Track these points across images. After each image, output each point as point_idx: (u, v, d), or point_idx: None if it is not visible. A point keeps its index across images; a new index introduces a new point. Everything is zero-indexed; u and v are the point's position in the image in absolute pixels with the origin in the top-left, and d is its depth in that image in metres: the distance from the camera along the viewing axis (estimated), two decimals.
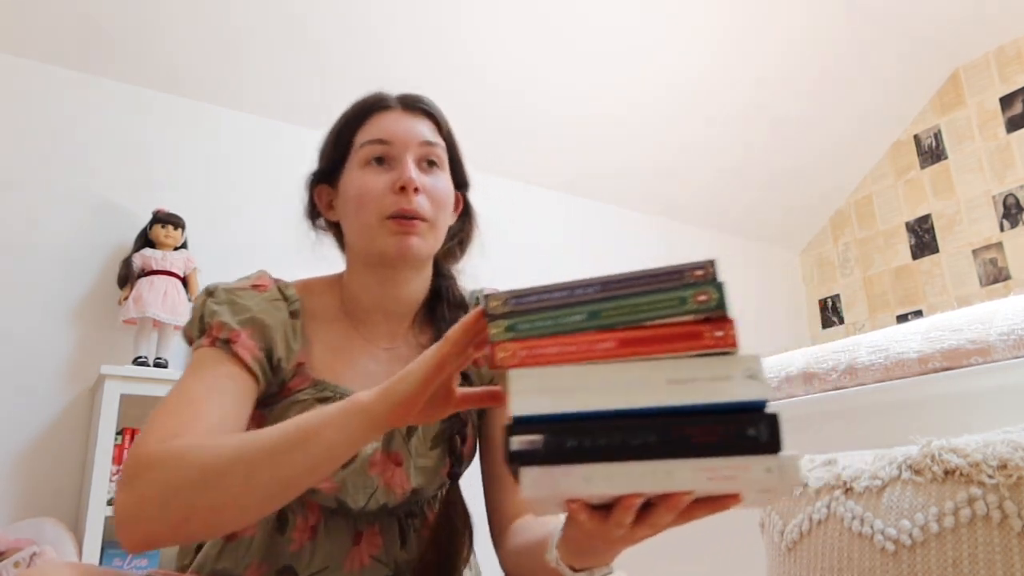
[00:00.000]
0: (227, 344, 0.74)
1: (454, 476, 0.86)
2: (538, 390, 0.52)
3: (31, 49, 2.25)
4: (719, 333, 0.50)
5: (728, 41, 3.00)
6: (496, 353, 0.53)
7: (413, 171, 0.81)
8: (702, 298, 0.51)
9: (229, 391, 0.72)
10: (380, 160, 0.83)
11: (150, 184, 2.37)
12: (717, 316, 0.51)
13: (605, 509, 0.53)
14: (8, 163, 2.17)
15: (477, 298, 0.92)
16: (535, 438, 0.50)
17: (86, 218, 2.25)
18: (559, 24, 2.73)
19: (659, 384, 0.50)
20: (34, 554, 1.67)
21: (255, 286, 0.82)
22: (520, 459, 0.50)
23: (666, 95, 3.11)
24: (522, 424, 0.51)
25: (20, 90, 2.23)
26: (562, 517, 0.63)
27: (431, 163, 0.85)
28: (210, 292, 0.81)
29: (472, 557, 0.90)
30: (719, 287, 0.51)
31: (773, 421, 0.48)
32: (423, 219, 0.81)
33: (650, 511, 0.52)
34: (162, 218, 2.22)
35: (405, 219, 0.80)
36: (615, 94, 3.04)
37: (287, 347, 0.79)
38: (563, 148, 3.16)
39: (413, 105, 0.87)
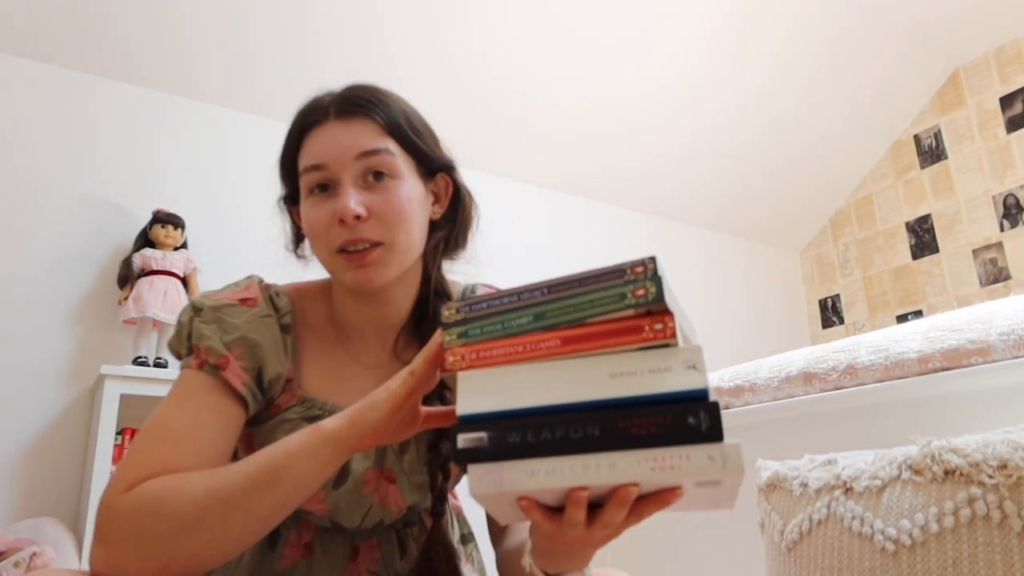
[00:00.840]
0: (216, 370, 0.72)
1: (443, 496, 0.81)
2: (483, 390, 0.53)
3: (32, 49, 2.25)
4: (658, 326, 0.51)
5: (728, 40, 3.00)
6: (447, 358, 0.55)
7: (351, 198, 0.73)
8: (640, 293, 0.51)
9: (212, 426, 0.70)
10: (323, 187, 0.76)
11: (150, 184, 2.37)
12: (657, 310, 0.52)
13: (559, 511, 0.53)
14: (9, 163, 2.17)
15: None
16: (480, 435, 0.51)
17: (86, 218, 2.25)
18: (560, 24, 2.73)
19: (601, 378, 0.51)
20: (34, 554, 1.67)
21: (243, 300, 0.78)
22: (466, 456, 0.51)
23: (666, 94, 3.11)
24: (468, 423, 0.52)
25: (21, 90, 2.23)
26: None
27: (378, 175, 0.76)
28: (197, 309, 0.76)
29: (476, 554, 0.90)
30: (657, 281, 0.51)
31: (714, 409, 0.49)
32: (376, 244, 0.74)
33: (602, 509, 0.52)
34: (162, 218, 2.22)
35: (356, 252, 0.74)
36: (615, 94, 3.04)
37: (278, 364, 0.77)
38: (563, 148, 3.16)
39: (349, 109, 0.78)
